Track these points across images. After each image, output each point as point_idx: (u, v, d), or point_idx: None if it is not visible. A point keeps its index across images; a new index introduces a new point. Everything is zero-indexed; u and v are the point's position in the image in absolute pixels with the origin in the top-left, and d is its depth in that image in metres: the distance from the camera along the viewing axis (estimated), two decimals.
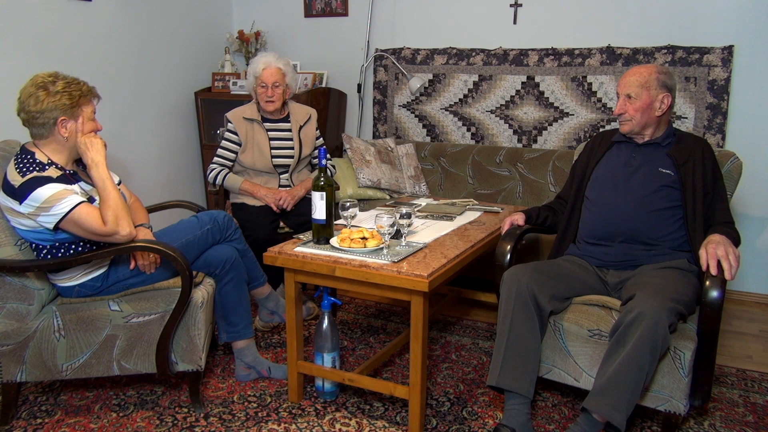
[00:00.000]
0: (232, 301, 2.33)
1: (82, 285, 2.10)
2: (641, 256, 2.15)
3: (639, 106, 2.16)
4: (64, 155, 2.04)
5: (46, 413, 2.21)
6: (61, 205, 1.90)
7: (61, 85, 1.96)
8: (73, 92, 1.98)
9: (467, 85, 3.73)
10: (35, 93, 1.94)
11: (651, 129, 2.21)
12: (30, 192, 1.89)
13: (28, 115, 1.96)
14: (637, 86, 2.15)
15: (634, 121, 2.18)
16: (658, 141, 2.22)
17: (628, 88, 2.17)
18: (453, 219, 2.59)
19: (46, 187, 1.90)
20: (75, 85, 2.00)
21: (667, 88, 2.16)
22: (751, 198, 3.19)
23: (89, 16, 3.27)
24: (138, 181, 3.61)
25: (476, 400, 2.30)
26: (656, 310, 1.79)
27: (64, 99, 1.95)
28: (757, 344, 2.81)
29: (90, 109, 2.05)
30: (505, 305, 2.01)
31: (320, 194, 2.10)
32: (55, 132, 1.99)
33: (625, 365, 1.80)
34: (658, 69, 2.17)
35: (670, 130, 2.24)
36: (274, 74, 2.91)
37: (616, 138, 2.32)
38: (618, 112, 2.21)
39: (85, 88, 2.03)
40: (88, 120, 2.04)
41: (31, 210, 1.91)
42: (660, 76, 2.16)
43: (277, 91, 2.93)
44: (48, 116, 1.95)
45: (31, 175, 1.92)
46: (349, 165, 3.56)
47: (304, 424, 2.14)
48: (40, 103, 1.93)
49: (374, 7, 3.92)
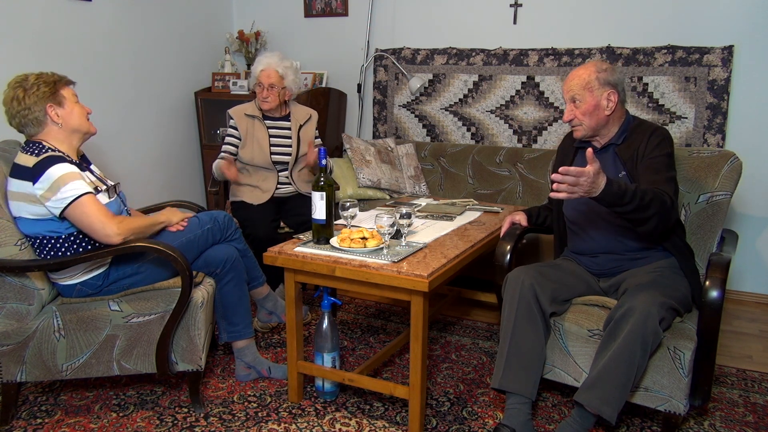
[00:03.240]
0: (233, 301, 2.33)
1: (83, 283, 2.10)
2: (626, 264, 2.14)
3: (585, 109, 2.09)
4: (66, 144, 2.08)
5: (46, 413, 2.21)
6: (70, 190, 1.94)
7: (33, 78, 2.01)
8: (47, 80, 2.03)
9: (467, 85, 3.73)
10: (14, 94, 1.99)
11: (605, 130, 2.15)
12: (44, 170, 1.93)
13: (18, 117, 2.00)
14: (579, 89, 2.09)
15: (584, 126, 2.12)
16: (613, 141, 2.15)
17: (571, 92, 2.11)
18: (453, 219, 2.59)
19: (59, 166, 1.95)
20: (45, 75, 2.05)
21: (611, 84, 2.09)
22: (751, 198, 3.19)
23: (89, 16, 3.27)
24: (138, 181, 3.61)
25: (476, 400, 2.30)
26: (646, 305, 1.81)
27: (42, 88, 2.00)
28: (757, 344, 2.81)
29: (70, 92, 2.09)
30: (508, 307, 2.01)
31: (320, 194, 2.10)
32: (48, 121, 2.03)
33: (615, 360, 1.82)
34: (597, 67, 2.10)
35: (624, 126, 2.15)
36: (271, 76, 2.96)
37: (577, 144, 2.26)
38: (567, 119, 2.15)
39: (56, 76, 2.08)
40: (73, 103, 2.08)
41: (43, 191, 1.93)
42: (600, 74, 2.08)
43: (273, 92, 2.98)
44: (36, 109, 1.99)
45: (45, 154, 1.97)
46: (349, 165, 3.56)
47: (304, 424, 2.14)
48: (23, 101, 1.98)
49: (374, 7, 3.92)
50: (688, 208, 2.28)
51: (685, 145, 3.23)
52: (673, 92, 3.24)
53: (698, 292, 2.03)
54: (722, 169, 2.24)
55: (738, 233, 2.44)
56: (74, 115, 2.07)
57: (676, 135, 3.25)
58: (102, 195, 2.07)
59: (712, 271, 1.91)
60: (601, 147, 2.18)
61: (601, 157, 2.18)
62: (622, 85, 2.12)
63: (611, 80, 2.09)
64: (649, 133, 2.09)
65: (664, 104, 3.27)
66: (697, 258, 2.20)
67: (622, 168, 2.11)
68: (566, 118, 2.15)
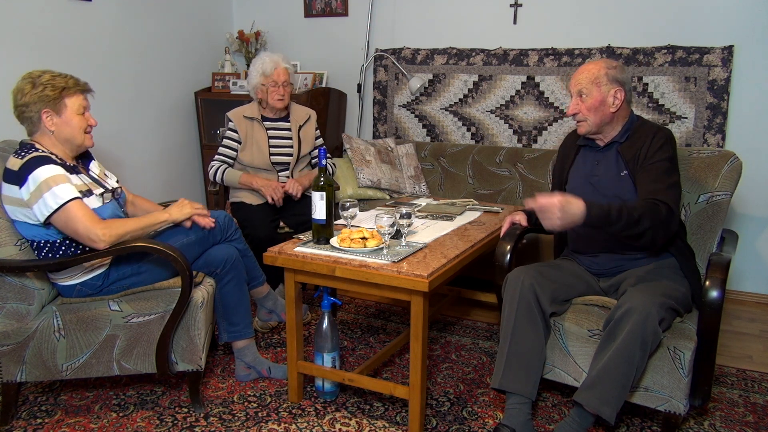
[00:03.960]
0: (233, 301, 2.33)
1: (83, 284, 2.10)
2: (627, 264, 2.14)
3: (591, 104, 2.10)
4: (59, 149, 2.05)
5: (46, 413, 2.21)
6: (55, 196, 1.90)
7: (46, 78, 1.98)
8: (56, 84, 1.98)
9: (467, 85, 3.73)
10: (22, 87, 1.98)
11: (609, 128, 2.15)
12: (30, 172, 1.91)
13: (17, 110, 2.00)
14: (587, 83, 2.10)
15: (589, 121, 2.13)
16: (616, 140, 2.15)
17: (579, 85, 2.11)
18: (453, 219, 2.59)
19: (46, 167, 1.92)
20: (61, 78, 2.01)
21: (619, 82, 2.09)
22: (751, 198, 3.19)
23: (89, 16, 3.27)
24: (138, 181, 3.61)
25: (476, 400, 2.30)
26: (646, 305, 1.81)
27: (47, 91, 1.97)
28: (757, 344, 2.81)
29: (77, 102, 2.03)
30: (508, 307, 2.01)
31: (320, 194, 2.10)
32: (41, 125, 2.00)
33: (614, 359, 1.82)
34: (607, 64, 2.11)
35: (628, 125, 2.15)
36: (283, 73, 2.97)
37: (579, 142, 2.26)
38: (571, 112, 2.15)
39: (72, 81, 2.03)
40: (75, 114, 2.03)
41: (29, 194, 1.91)
42: (610, 71, 2.09)
43: (287, 89, 2.99)
44: (33, 109, 1.97)
45: (30, 155, 1.94)
46: (349, 165, 3.56)
47: (304, 424, 2.14)
48: (25, 97, 1.96)
49: (374, 7, 3.92)
50: (688, 208, 2.28)
51: (685, 145, 3.23)
52: (673, 92, 3.24)
53: (698, 293, 2.03)
54: (722, 169, 2.24)
55: (738, 233, 2.44)
56: (70, 127, 2.02)
57: (676, 135, 3.24)
58: (93, 198, 2.04)
59: (712, 271, 1.90)
60: (605, 145, 2.18)
61: (604, 155, 2.18)
62: (629, 85, 2.13)
63: (620, 78, 2.10)
64: (653, 134, 2.09)
65: (664, 104, 3.27)
66: (697, 258, 2.20)
67: (624, 167, 2.11)
68: (571, 111, 2.15)
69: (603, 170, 2.17)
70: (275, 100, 2.97)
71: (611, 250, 2.16)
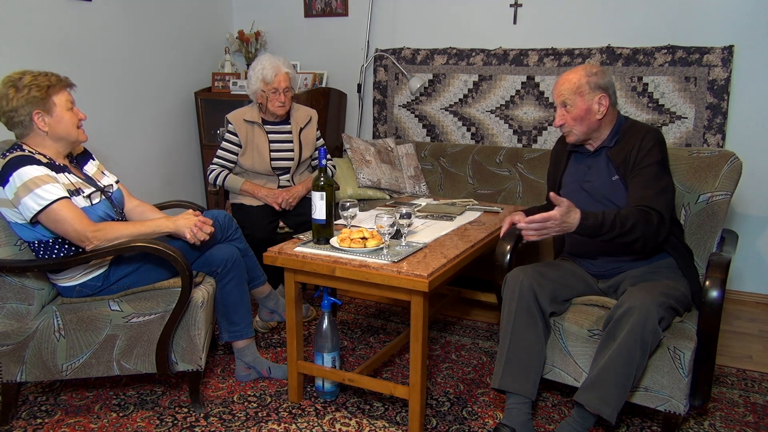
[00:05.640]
0: (233, 301, 2.33)
1: (83, 285, 2.10)
2: (625, 266, 2.14)
3: (576, 114, 2.07)
4: (51, 149, 2.04)
5: (46, 413, 2.21)
6: (39, 195, 1.89)
7: (28, 79, 1.96)
8: (41, 84, 1.96)
9: (467, 85, 3.73)
10: (5, 93, 1.94)
11: (597, 134, 2.13)
12: (12, 171, 1.89)
13: (5, 116, 1.97)
14: (569, 94, 2.07)
15: (576, 131, 2.11)
16: (605, 144, 2.13)
17: (561, 96, 2.09)
18: (453, 219, 2.59)
19: (29, 167, 1.90)
20: (43, 77, 1.99)
21: (602, 88, 2.06)
22: (751, 198, 3.19)
23: (89, 16, 3.27)
24: (138, 181, 3.60)
25: (476, 400, 2.30)
26: (645, 304, 1.81)
27: (33, 92, 1.94)
28: (757, 344, 2.81)
29: (64, 98, 2.02)
30: (508, 307, 2.01)
31: (320, 194, 2.10)
32: (34, 127, 1.99)
33: (614, 359, 1.82)
34: (587, 71, 2.07)
35: (616, 128, 2.13)
36: (284, 79, 2.89)
37: (569, 148, 2.25)
38: (558, 124, 2.13)
39: (54, 78, 2.01)
40: (65, 110, 2.01)
41: (12, 195, 1.89)
42: (591, 78, 2.05)
43: (289, 95, 2.93)
44: (22, 112, 1.95)
45: (13, 155, 1.92)
46: (349, 165, 3.56)
47: (304, 424, 2.14)
48: (12, 101, 1.94)
49: (374, 7, 3.92)
50: (688, 208, 2.28)
51: (685, 145, 3.23)
52: (673, 92, 3.24)
53: (698, 292, 2.04)
54: (722, 169, 2.24)
55: (738, 233, 2.44)
56: (63, 124, 2.01)
57: (676, 135, 3.25)
58: (80, 199, 2.02)
59: (712, 271, 1.90)
60: (594, 150, 2.17)
61: (594, 161, 2.17)
62: (613, 87, 2.11)
63: (602, 84, 2.07)
64: (641, 137, 2.06)
65: (664, 104, 3.27)
66: (697, 258, 2.20)
67: (614, 172, 2.10)
68: (557, 123, 2.13)
69: (595, 175, 2.16)
70: (276, 106, 2.92)
71: (609, 253, 2.16)
